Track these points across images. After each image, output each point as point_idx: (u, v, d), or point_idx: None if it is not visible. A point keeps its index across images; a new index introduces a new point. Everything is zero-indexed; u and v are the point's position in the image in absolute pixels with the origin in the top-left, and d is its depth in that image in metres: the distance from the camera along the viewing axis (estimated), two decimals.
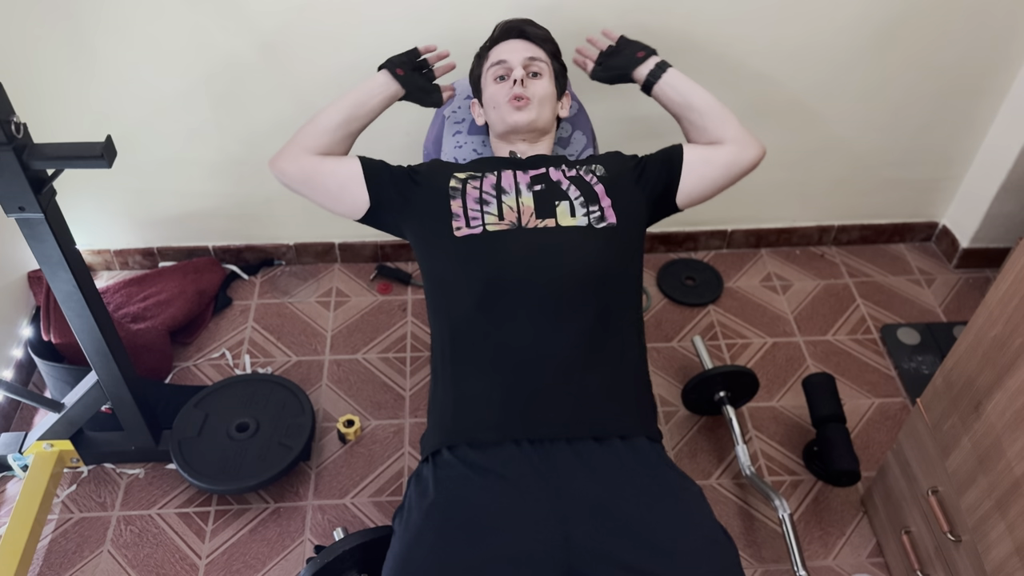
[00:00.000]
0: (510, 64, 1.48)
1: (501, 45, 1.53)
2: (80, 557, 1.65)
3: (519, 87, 1.45)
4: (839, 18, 1.85)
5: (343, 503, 1.75)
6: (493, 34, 1.56)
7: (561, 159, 1.47)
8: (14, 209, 1.29)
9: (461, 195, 1.35)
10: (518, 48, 1.50)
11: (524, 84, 1.46)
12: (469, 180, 1.39)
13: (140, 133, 1.96)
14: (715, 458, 1.84)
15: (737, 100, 1.99)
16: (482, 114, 1.56)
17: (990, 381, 1.25)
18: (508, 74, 1.49)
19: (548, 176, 1.39)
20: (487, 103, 1.51)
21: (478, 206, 1.33)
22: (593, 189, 1.37)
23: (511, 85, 1.46)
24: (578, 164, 1.44)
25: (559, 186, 1.37)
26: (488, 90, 1.51)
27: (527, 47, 1.51)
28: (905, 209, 2.30)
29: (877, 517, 1.67)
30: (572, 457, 1.19)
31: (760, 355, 2.06)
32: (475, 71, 1.58)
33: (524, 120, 1.45)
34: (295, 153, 1.45)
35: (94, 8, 1.73)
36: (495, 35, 1.55)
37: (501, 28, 1.55)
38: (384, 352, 2.07)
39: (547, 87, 1.49)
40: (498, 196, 1.35)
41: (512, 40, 1.52)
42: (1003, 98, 2.04)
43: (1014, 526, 1.19)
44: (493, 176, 1.39)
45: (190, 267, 2.19)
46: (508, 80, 1.48)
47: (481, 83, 1.54)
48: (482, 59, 1.56)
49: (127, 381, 1.61)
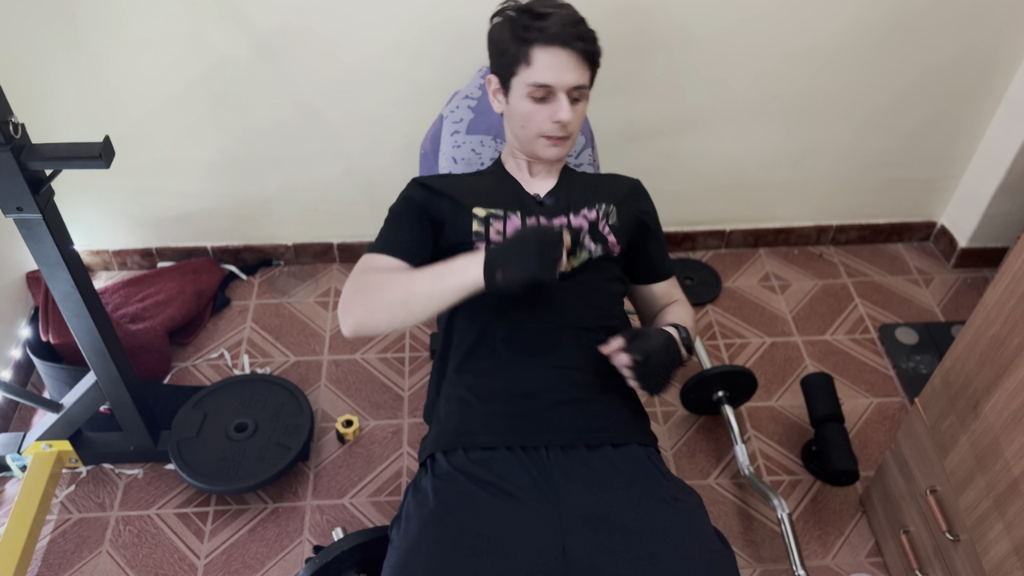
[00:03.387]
0: (554, 91, 1.29)
1: (547, 53, 1.28)
2: (79, 557, 1.65)
3: (559, 129, 1.32)
4: (837, 18, 1.85)
5: (342, 503, 1.75)
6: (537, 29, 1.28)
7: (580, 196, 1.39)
8: (12, 209, 1.29)
9: (485, 241, 1.32)
10: (566, 69, 1.28)
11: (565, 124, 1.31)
12: (492, 221, 1.33)
13: (138, 133, 1.96)
14: (714, 458, 1.84)
15: (736, 100, 1.99)
16: (502, 102, 1.38)
17: (988, 381, 1.25)
18: (550, 98, 1.30)
19: (570, 224, 1.36)
20: (517, 115, 1.34)
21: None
22: (606, 239, 1.38)
23: (552, 120, 1.31)
24: (597, 204, 1.38)
25: (579, 235, 1.36)
26: (522, 104, 1.32)
27: (575, 68, 1.29)
28: (903, 209, 2.31)
29: (875, 517, 1.67)
30: (568, 466, 1.20)
31: (759, 355, 2.06)
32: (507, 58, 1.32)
33: (556, 157, 1.37)
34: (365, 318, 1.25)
35: (93, 9, 1.73)
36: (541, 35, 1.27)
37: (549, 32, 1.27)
38: (383, 352, 2.07)
39: (583, 112, 1.36)
40: None
41: (559, 51, 1.28)
42: (1001, 98, 2.04)
43: (1012, 525, 1.19)
44: (516, 220, 1.34)
45: (188, 267, 2.19)
46: (549, 105, 1.31)
47: (511, 82, 1.33)
48: (520, 54, 1.29)
49: (125, 381, 1.60)
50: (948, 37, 1.90)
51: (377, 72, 1.88)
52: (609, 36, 1.83)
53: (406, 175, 2.07)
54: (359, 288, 1.24)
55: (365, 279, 1.26)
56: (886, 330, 2.10)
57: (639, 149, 2.08)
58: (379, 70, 1.87)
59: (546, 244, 1.14)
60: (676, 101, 1.99)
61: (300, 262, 2.30)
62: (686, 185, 2.18)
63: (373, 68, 1.87)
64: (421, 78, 1.89)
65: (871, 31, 1.88)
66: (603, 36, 1.35)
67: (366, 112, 1.95)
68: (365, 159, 2.05)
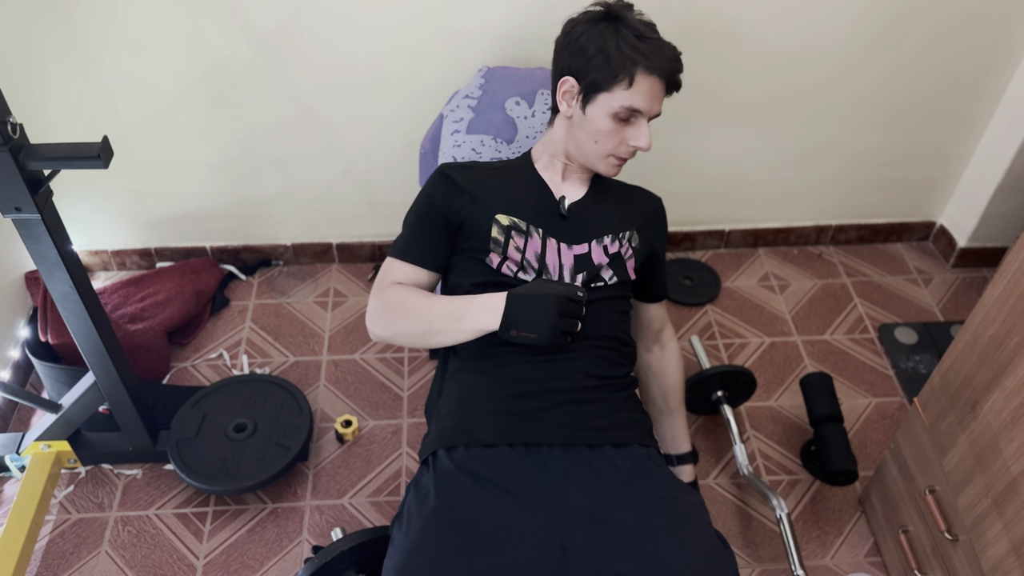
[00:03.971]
0: (642, 116, 1.30)
1: (648, 81, 1.27)
2: (78, 558, 1.65)
3: (632, 153, 1.34)
4: (837, 18, 1.85)
5: (341, 503, 1.75)
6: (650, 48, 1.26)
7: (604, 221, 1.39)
8: (11, 210, 1.29)
9: (502, 253, 1.32)
10: (657, 97, 1.30)
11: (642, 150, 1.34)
12: (513, 235, 1.33)
13: (137, 133, 1.96)
14: (713, 458, 1.84)
15: (735, 99, 1.99)
16: (575, 109, 1.33)
17: (987, 380, 1.25)
18: (634, 120, 1.30)
19: (590, 258, 1.36)
20: (591, 128, 1.31)
21: (515, 267, 1.33)
22: (625, 265, 1.39)
23: (630, 141, 1.31)
24: (620, 232, 1.39)
25: (599, 269, 1.36)
26: (604, 121, 1.29)
27: (662, 97, 1.31)
28: (903, 209, 2.31)
29: (875, 516, 1.67)
30: (569, 464, 1.20)
31: (758, 355, 2.06)
32: (604, 71, 1.27)
33: (614, 175, 1.40)
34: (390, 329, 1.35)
35: (91, 9, 1.73)
36: (653, 57, 1.26)
37: (663, 62, 1.27)
38: (382, 352, 2.07)
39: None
40: (539, 271, 1.33)
41: (659, 82, 1.28)
42: (1000, 98, 2.04)
43: (1011, 525, 1.19)
44: (538, 239, 1.34)
45: (187, 267, 2.19)
46: (629, 127, 1.31)
47: (598, 95, 1.29)
48: (621, 71, 1.26)
49: (124, 382, 1.60)
50: (947, 37, 1.90)
51: (377, 72, 1.87)
52: None
53: (406, 175, 2.08)
54: (383, 308, 1.33)
55: (387, 298, 1.34)
56: (885, 330, 2.10)
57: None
58: (379, 70, 1.87)
59: (564, 315, 1.21)
60: (675, 101, 1.96)
61: (299, 262, 2.30)
62: (685, 185, 2.18)
63: (373, 68, 1.87)
64: (421, 78, 1.88)
65: (870, 31, 1.88)
66: None
67: (366, 112, 1.95)
68: (365, 159, 2.05)
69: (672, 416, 1.59)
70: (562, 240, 1.35)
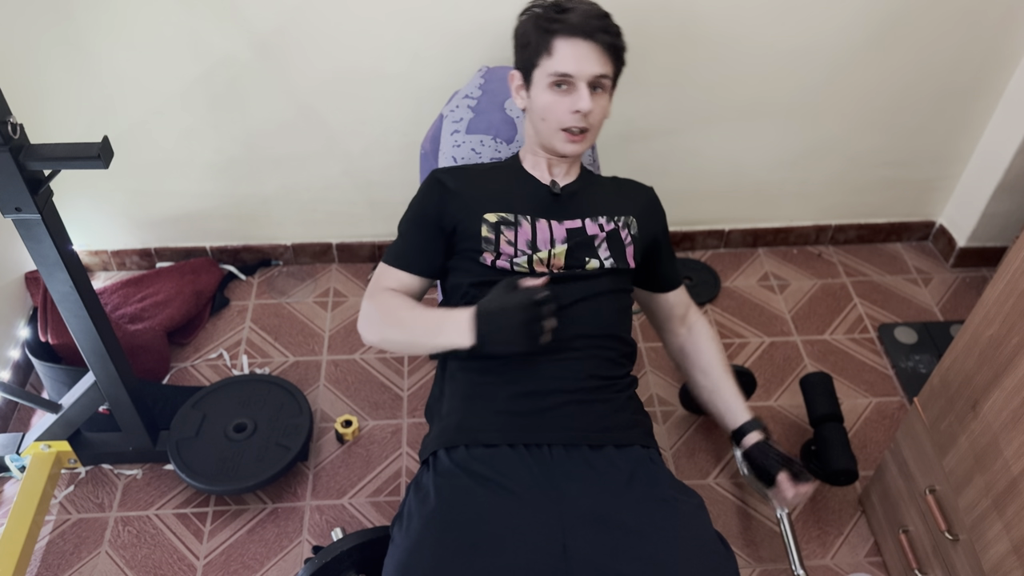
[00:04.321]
0: (575, 80, 1.30)
1: (569, 44, 1.29)
2: (78, 558, 1.65)
3: (580, 120, 1.32)
4: (836, 18, 1.85)
5: (341, 503, 1.75)
6: (560, 20, 1.30)
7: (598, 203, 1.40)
8: (11, 210, 1.29)
9: (494, 249, 1.32)
10: (587, 59, 1.29)
11: (586, 115, 1.31)
12: (503, 229, 1.33)
13: (137, 133, 1.96)
14: (713, 457, 1.84)
15: (735, 99, 1.99)
16: (524, 98, 1.39)
17: (987, 380, 1.25)
18: (570, 88, 1.31)
19: (584, 231, 1.36)
20: (538, 107, 1.34)
21: (508, 261, 1.33)
22: (624, 249, 1.38)
23: (572, 110, 1.31)
24: (616, 216, 1.39)
25: (592, 242, 1.35)
26: (544, 95, 1.33)
27: (597, 59, 1.30)
28: (902, 208, 2.31)
29: (875, 516, 1.67)
30: (570, 464, 1.20)
31: (757, 354, 2.06)
32: (530, 51, 1.33)
33: (575, 152, 1.37)
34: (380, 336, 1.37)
35: (91, 9, 1.73)
36: (563, 25, 1.29)
37: (571, 24, 1.29)
38: (381, 352, 2.06)
39: (606, 106, 1.36)
40: (531, 254, 1.33)
41: (581, 42, 1.29)
42: (999, 97, 2.04)
43: (1011, 525, 1.19)
44: (527, 224, 1.34)
45: (187, 268, 2.19)
46: (569, 95, 1.31)
47: (534, 73, 1.34)
48: (542, 45, 1.31)
49: (124, 382, 1.60)
50: (947, 36, 1.90)
51: (376, 71, 1.87)
52: None
53: (405, 175, 2.08)
54: (372, 315, 1.35)
55: (377, 304, 1.35)
56: (885, 330, 2.10)
57: (638, 149, 2.07)
58: (378, 69, 1.87)
59: (529, 321, 1.19)
60: (675, 101, 1.99)
61: (299, 262, 2.30)
62: (685, 185, 2.18)
63: (372, 67, 1.87)
64: (421, 78, 1.88)
65: (870, 30, 1.88)
66: None
67: (365, 112, 1.95)
68: (364, 159, 2.05)
69: (719, 392, 1.49)
70: (552, 218, 1.36)
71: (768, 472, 1.41)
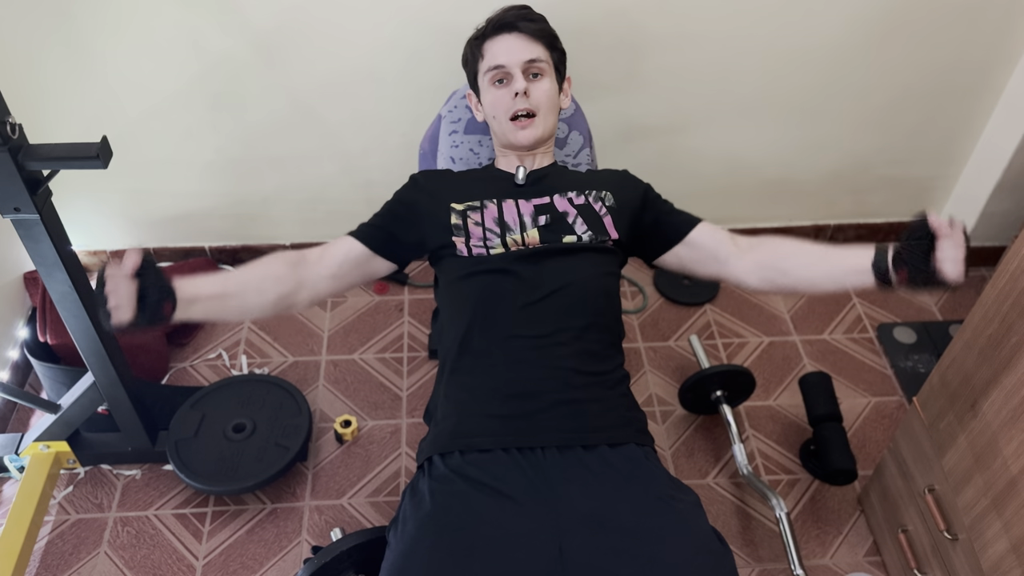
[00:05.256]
0: (508, 69, 1.39)
1: (495, 42, 1.42)
2: (77, 559, 1.65)
3: (522, 101, 1.38)
4: (835, 17, 1.85)
5: (340, 503, 1.75)
6: (485, 28, 1.45)
7: (567, 183, 1.42)
8: (9, 210, 1.29)
9: (464, 233, 1.34)
10: (515, 48, 1.40)
11: (527, 95, 1.38)
12: (469, 213, 1.35)
13: (136, 133, 1.96)
14: (712, 457, 1.84)
15: (734, 99, 1.99)
16: (480, 109, 1.49)
17: (986, 379, 1.25)
18: (507, 79, 1.40)
19: (554, 206, 1.37)
20: (487, 107, 1.44)
21: (482, 243, 1.33)
22: (601, 220, 1.37)
23: (512, 96, 1.38)
24: (587, 190, 1.39)
25: (565, 218, 1.35)
26: (488, 95, 1.43)
27: (524, 46, 1.40)
28: (901, 208, 2.31)
29: (874, 516, 1.67)
30: (564, 466, 1.19)
31: (757, 354, 2.06)
32: (470, 65, 1.48)
33: (529, 139, 1.40)
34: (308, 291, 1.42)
35: (91, 9, 1.73)
36: (487, 29, 1.44)
37: (493, 24, 1.44)
38: (381, 352, 2.07)
39: (549, 89, 1.42)
40: (502, 233, 1.33)
41: (506, 36, 1.41)
42: (998, 97, 2.04)
43: (1010, 524, 1.19)
44: (493, 206, 1.36)
45: (186, 268, 2.19)
46: (508, 86, 1.40)
47: (478, 81, 1.46)
48: (476, 54, 1.45)
49: (123, 382, 1.60)
50: (946, 36, 1.90)
51: (375, 71, 1.87)
52: (607, 36, 1.84)
53: (404, 174, 2.06)
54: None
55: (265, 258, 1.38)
56: (884, 329, 2.10)
57: (637, 149, 2.07)
58: (377, 69, 1.87)
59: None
60: (674, 100, 1.99)
61: None
62: (684, 184, 2.16)
63: (371, 67, 1.87)
64: (419, 77, 1.88)
65: (869, 30, 1.88)
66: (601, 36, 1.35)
67: (364, 111, 1.95)
68: (363, 159, 2.05)
69: (824, 254, 1.33)
70: (520, 198, 1.38)
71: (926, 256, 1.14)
